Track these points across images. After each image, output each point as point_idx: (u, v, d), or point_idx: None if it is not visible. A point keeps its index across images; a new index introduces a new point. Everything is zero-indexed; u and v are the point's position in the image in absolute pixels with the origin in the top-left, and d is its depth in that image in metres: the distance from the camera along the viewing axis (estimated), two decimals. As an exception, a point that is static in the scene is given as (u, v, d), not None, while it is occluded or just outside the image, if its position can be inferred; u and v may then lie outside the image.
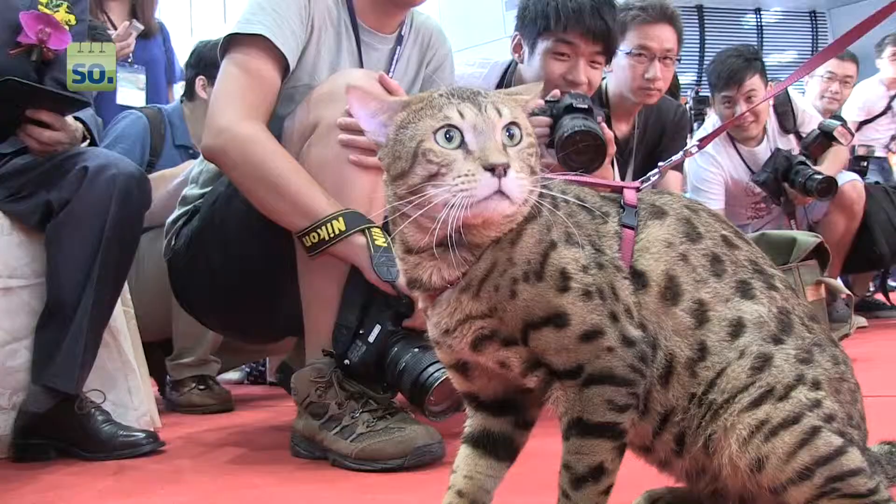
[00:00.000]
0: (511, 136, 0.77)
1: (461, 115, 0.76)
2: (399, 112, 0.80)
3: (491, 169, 0.73)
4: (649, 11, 2.54)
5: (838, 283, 2.74)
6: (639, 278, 0.82)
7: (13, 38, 1.64)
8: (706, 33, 9.79)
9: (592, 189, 0.91)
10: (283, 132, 1.54)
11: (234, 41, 1.56)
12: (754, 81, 3.22)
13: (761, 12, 10.46)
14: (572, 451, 0.80)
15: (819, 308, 2.55)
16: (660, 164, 1.04)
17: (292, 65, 1.58)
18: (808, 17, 10.51)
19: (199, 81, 2.73)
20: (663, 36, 2.55)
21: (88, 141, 1.77)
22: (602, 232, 0.84)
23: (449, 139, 0.75)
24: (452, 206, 0.73)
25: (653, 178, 0.97)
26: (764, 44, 10.24)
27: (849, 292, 2.71)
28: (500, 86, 2.15)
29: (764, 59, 3.37)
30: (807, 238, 2.55)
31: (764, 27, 10.49)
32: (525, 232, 0.80)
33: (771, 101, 3.33)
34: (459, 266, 0.79)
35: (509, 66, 2.21)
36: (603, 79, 2.46)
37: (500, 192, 0.73)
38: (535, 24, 2.01)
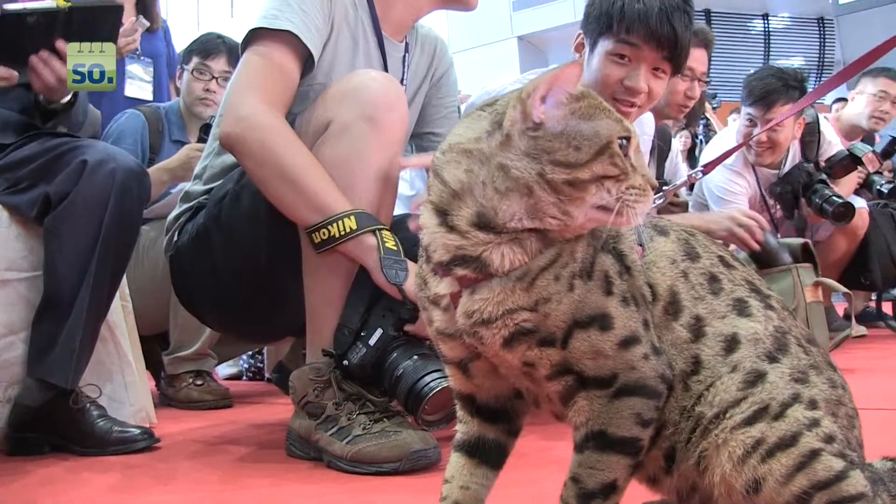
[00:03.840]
0: None
1: (632, 132, 0.77)
2: (575, 101, 0.77)
3: (653, 189, 0.75)
4: (699, 36, 2.65)
5: (835, 283, 2.77)
6: (650, 291, 0.83)
7: None
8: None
9: None
10: (295, 129, 1.52)
11: (258, 35, 1.54)
12: (785, 110, 3.02)
13: (769, 18, 10.45)
14: (585, 465, 0.78)
15: (818, 309, 2.59)
16: (664, 188, 1.04)
17: (316, 63, 1.58)
18: (816, 24, 10.50)
19: (178, 70, 2.77)
20: (703, 58, 2.73)
21: (69, 100, 1.75)
22: (625, 240, 0.85)
23: (621, 148, 0.76)
24: (614, 211, 0.74)
25: (658, 202, 0.97)
26: (771, 50, 10.23)
27: (847, 290, 2.74)
28: None
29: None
30: (792, 241, 2.80)
31: (771, 33, 10.48)
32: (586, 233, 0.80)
33: (799, 128, 3.20)
34: (535, 255, 0.77)
35: None
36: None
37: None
38: (598, 23, 1.89)
